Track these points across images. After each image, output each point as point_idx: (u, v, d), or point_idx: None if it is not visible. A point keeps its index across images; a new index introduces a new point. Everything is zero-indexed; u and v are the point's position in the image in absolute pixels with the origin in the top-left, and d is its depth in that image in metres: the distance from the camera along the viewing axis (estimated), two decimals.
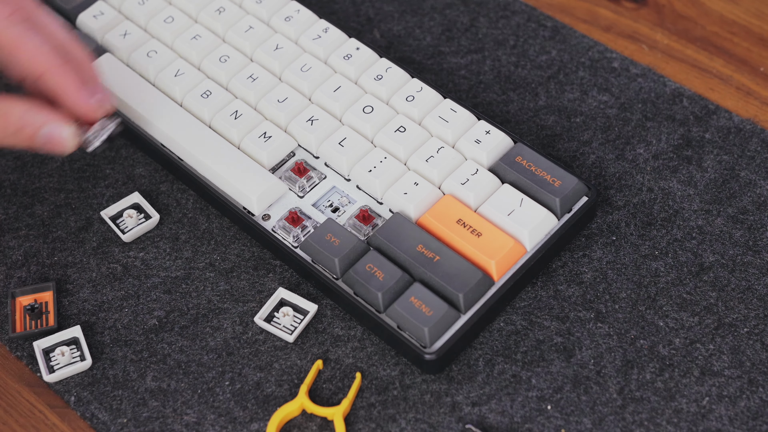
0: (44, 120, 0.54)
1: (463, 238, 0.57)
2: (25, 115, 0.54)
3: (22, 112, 0.54)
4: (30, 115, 0.54)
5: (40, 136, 0.54)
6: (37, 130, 0.54)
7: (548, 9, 0.72)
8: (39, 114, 0.54)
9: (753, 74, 0.68)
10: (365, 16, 0.72)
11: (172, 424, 0.55)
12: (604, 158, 0.64)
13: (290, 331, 0.58)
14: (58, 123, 0.55)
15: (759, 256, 0.59)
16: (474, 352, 0.57)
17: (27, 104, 0.54)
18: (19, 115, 0.54)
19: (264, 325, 0.58)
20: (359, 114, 0.62)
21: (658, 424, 0.54)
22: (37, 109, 0.54)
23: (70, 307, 0.60)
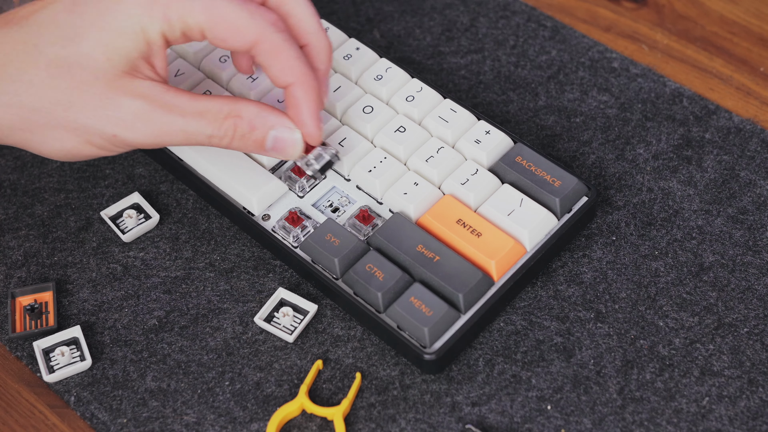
0: (276, 122, 0.55)
1: (463, 238, 0.57)
2: (258, 116, 0.55)
3: (256, 112, 0.55)
4: (262, 117, 0.55)
5: (270, 138, 0.55)
6: (267, 132, 0.55)
7: (548, 9, 0.72)
8: (271, 116, 0.55)
9: (753, 74, 0.68)
10: (365, 16, 0.72)
11: (172, 424, 0.55)
12: (604, 158, 0.64)
13: (290, 331, 0.58)
14: (290, 126, 0.55)
15: (759, 256, 0.59)
16: (474, 352, 0.57)
17: (259, 106, 0.55)
18: (252, 116, 0.54)
19: (264, 325, 0.58)
20: (359, 114, 0.62)
21: (658, 424, 0.54)
22: (269, 111, 0.55)
23: (70, 307, 0.60)
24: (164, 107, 0.53)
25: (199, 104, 0.54)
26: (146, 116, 0.53)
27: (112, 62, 0.52)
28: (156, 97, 0.53)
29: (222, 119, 0.54)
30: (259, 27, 0.53)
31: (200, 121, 0.54)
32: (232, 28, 0.53)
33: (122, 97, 0.53)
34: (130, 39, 0.52)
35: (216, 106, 0.54)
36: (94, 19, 0.52)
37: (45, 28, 0.53)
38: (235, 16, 0.52)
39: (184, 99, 0.54)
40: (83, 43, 0.52)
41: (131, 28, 0.52)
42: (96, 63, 0.52)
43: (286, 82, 0.54)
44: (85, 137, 0.54)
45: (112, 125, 0.53)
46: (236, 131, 0.54)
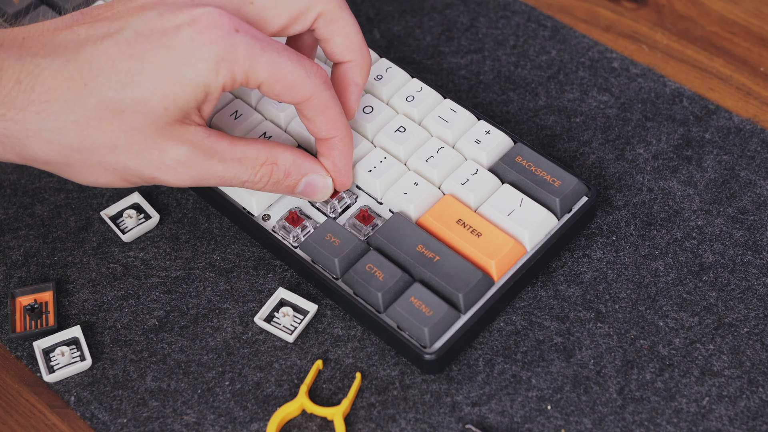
0: (310, 169, 0.57)
1: (463, 238, 0.57)
2: (294, 164, 0.56)
3: (291, 160, 0.56)
4: (297, 164, 0.56)
5: (302, 183, 0.57)
6: (300, 179, 0.57)
7: (548, 9, 0.72)
8: (306, 163, 0.57)
9: (753, 74, 0.68)
10: (365, 16, 0.72)
11: (172, 424, 0.55)
12: (604, 158, 0.64)
13: (290, 331, 0.58)
14: (323, 174, 0.58)
15: (759, 256, 0.59)
16: (474, 352, 0.57)
17: (295, 153, 0.56)
18: (288, 164, 0.56)
19: (264, 325, 0.58)
20: (359, 114, 0.62)
21: (658, 424, 0.54)
22: (304, 158, 0.57)
23: (70, 307, 0.60)
24: (206, 153, 0.54)
25: (238, 150, 0.55)
26: (189, 162, 0.53)
27: (168, 111, 0.52)
28: (200, 142, 0.53)
29: (259, 166, 0.55)
30: (313, 86, 0.54)
31: (238, 168, 0.55)
32: (289, 86, 0.53)
33: (169, 142, 0.53)
34: (191, 92, 0.52)
35: (253, 152, 0.55)
36: (157, 68, 0.51)
37: (100, 69, 0.51)
38: (294, 75, 0.53)
39: (225, 144, 0.54)
40: (140, 89, 0.51)
41: (194, 82, 0.51)
42: (151, 111, 0.52)
43: (329, 136, 0.56)
44: (123, 176, 0.54)
45: (154, 168, 0.53)
46: (271, 178, 0.56)
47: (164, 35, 0.51)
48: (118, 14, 0.53)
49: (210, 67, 0.51)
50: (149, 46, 0.51)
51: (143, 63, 0.51)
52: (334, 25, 0.56)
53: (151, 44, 0.51)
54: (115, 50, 0.51)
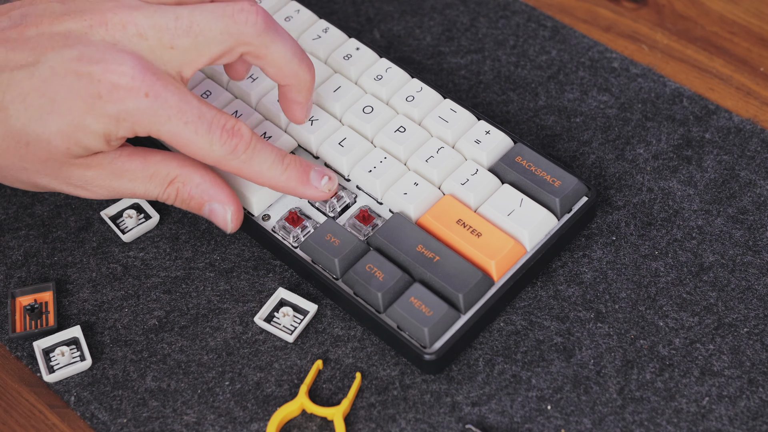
0: (212, 197, 0.57)
1: (463, 239, 0.57)
2: (199, 187, 0.56)
3: (197, 183, 0.56)
4: (203, 189, 0.56)
5: (205, 209, 0.57)
6: (203, 204, 0.57)
7: (548, 9, 0.72)
8: (211, 189, 0.57)
9: (753, 74, 0.68)
10: (365, 16, 0.72)
11: (172, 424, 0.55)
12: (604, 158, 0.64)
13: (290, 331, 0.58)
14: (222, 204, 0.57)
15: (759, 256, 0.59)
16: (474, 352, 0.57)
17: (206, 177, 0.56)
18: (193, 186, 0.56)
19: (264, 325, 0.58)
20: (359, 114, 0.62)
21: (658, 424, 0.54)
22: (211, 184, 0.57)
23: (70, 307, 0.60)
24: (114, 173, 0.55)
25: (150, 168, 0.55)
26: (98, 181, 0.55)
27: (70, 151, 0.53)
28: (107, 165, 0.55)
29: (167, 184, 0.56)
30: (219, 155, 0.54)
31: (148, 184, 0.56)
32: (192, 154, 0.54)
33: (75, 170, 0.54)
34: (92, 138, 0.53)
35: (165, 169, 0.56)
36: (63, 112, 0.52)
37: (11, 101, 0.53)
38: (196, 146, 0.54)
39: (137, 163, 0.55)
40: (46, 129, 0.53)
41: (95, 131, 0.53)
42: (55, 148, 0.53)
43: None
44: (35, 187, 0.56)
45: (65, 186, 0.55)
46: (178, 196, 0.57)
47: (77, 79, 0.52)
48: (39, 42, 0.53)
49: (111, 122, 0.52)
50: (61, 88, 0.52)
51: (53, 105, 0.52)
52: (262, 59, 0.56)
53: (63, 87, 0.52)
54: (28, 85, 0.53)
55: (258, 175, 0.56)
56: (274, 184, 0.57)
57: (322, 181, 0.58)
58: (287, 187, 0.57)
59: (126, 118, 0.52)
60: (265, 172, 0.56)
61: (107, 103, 0.52)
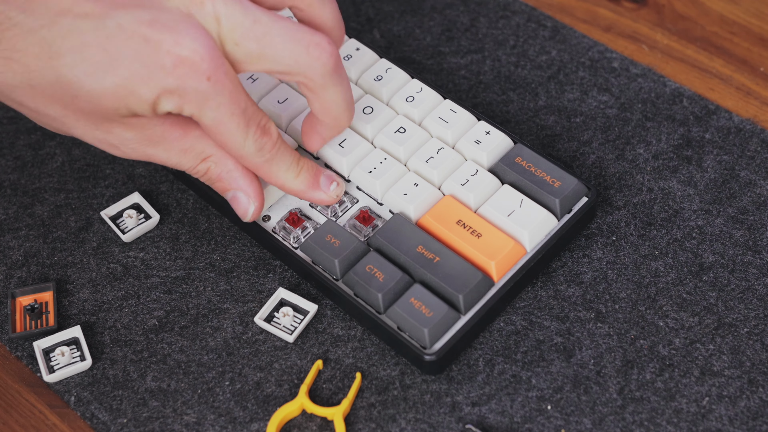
0: (240, 185, 0.57)
1: (463, 239, 0.57)
2: (228, 173, 0.57)
3: (229, 169, 0.56)
4: (232, 176, 0.57)
5: (229, 194, 0.57)
6: (228, 189, 0.57)
7: (548, 9, 0.72)
8: (239, 179, 0.57)
9: (753, 74, 0.68)
10: (365, 16, 0.72)
11: (172, 424, 0.55)
12: (604, 158, 0.64)
13: (290, 331, 0.58)
14: (247, 196, 0.57)
15: (759, 256, 0.59)
16: (474, 352, 0.57)
17: (237, 164, 0.57)
18: (224, 170, 0.56)
19: (264, 325, 0.58)
20: (359, 115, 0.62)
21: (658, 424, 0.54)
22: (241, 173, 0.57)
23: (70, 307, 0.60)
24: (152, 140, 0.54)
25: (187, 142, 0.55)
26: (132, 144, 0.54)
27: (118, 112, 0.52)
28: (149, 130, 0.54)
29: (200, 159, 0.56)
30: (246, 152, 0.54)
31: (182, 157, 0.55)
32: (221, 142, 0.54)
33: (116, 127, 0.53)
34: (141, 104, 0.51)
35: (201, 146, 0.55)
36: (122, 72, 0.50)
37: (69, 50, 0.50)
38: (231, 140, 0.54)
39: (177, 134, 0.55)
40: (99, 85, 0.51)
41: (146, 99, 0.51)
42: (103, 107, 0.52)
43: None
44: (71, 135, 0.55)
45: (98, 142, 0.55)
46: (207, 174, 0.57)
47: (144, 43, 0.50)
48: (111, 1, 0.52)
49: (165, 95, 0.51)
50: (125, 47, 0.50)
51: (113, 63, 0.50)
52: (314, 95, 0.55)
53: (127, 47, 0.50)
54: (91, 37, 0.50)
55: (274, 176, 0.56)
56: (286, 186, 0.57)
57: (331, 186, 0.58)
58: (298, 190, 0.58)
59: (181, 95, 0.51)
60: (281, 174, 0.56)
61: (169, 75, 0.51)
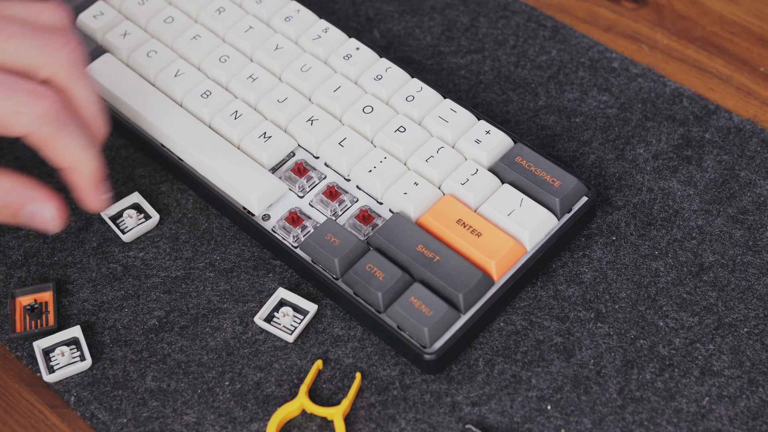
0: (29, 199, 0.52)
1: (463, 238, 0.57)
2: (10, 193, 0.52)
3: (8, 189, 0.52)
4: (15, 193, 0.52)
5: (24, 214, 0.53)
6: (21, 208, 0.53)
7: (548, 9, 0.72)
8: (24, 192, 0.52)
9: (753, 74, 0.68)
10: (365, 16, 0.72)
11: (172, 424, 0.55)
12: (604, 158, 0.64)
13: (290, 331, 0.58)
14: (42, 203, 0.53)
15: (759, 256, 0.59)
16: (474, 352, 0.57)
17: (13, 180, 0.52)
18: (4, 192, 0.52)
19: (264, 325, 0.58)
20: (359, 114, 0.62)
21: (658, 424, 0.54)
22: (23, 186, 0.52)
23: (70, 307, 0.60)
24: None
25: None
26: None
27: None
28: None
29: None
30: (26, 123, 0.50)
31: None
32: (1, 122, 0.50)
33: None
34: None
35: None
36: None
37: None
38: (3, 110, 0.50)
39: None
40: None
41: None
42: None
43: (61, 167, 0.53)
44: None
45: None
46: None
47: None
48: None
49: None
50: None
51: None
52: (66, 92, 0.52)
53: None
54: None
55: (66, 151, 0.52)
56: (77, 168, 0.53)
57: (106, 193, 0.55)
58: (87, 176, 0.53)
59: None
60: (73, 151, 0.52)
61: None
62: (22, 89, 0.51)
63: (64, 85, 0.53)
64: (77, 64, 0.53)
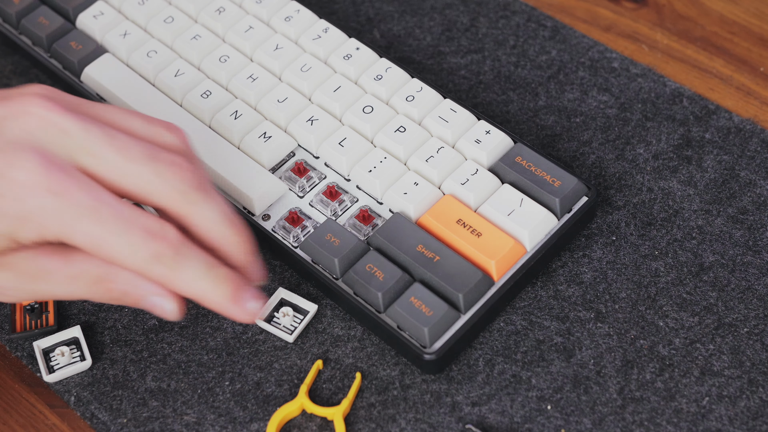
0: (149, 292, 0.50)
1: (463, 238, 0.57)
2: (131, 283, 0.50)
3: (130, 279, 0.50)
4: (135, 284, 0.50)
5: (145, 303, 0.51)
6: (141, 299, 0.51)
7: (548, 9, 0.72)
8: (143, 284, 0.50)
9: (753, 74, 0.68)
10: (365, 16, 0.72)
11: (172, 424, 0.55)
12: (604, 158, 0.64)
13: (290, 331, 0.58)
14: (164, 297, 0.50)
15: (759, 256, 0.59)
16: (474, 352, 0.57)
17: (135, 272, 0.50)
18: (126, 284, 0.50)
19: (264, 325, 0.58)
20: (359, 114, 0.62)
21: (658, 424, 0.54)
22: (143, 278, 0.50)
23: (70, 307, 0.60)
24: (32, 276, 0.50)
25: (72, 268, 0.49)
26: (14, 285, 0.50)
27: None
28: (25, 267, 0.49)
29: (93, 284, 0.50)
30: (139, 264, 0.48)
31: (72, 286, 0.50)
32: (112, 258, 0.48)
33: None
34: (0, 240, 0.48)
35: (89, 268, 0.49)
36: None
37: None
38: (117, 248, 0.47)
39: (57, 264, 0.49)
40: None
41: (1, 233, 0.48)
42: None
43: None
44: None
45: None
46: (110, 295, 0.50)
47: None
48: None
49: (14, 223, 0.47)
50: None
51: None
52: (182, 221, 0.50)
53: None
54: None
55: (186, 286, 0.49)
56: (206, 299, 0.49)
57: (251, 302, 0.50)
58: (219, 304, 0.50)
59: (30, 218, 0.47)
60: (193, 284, 0.49)
61: (7, 201, 0.47)
62: (136, 226, 0.48)
63: (182, 214, 0.50)
64: (197, 190, 0.50)
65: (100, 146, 0.49)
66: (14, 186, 0.47)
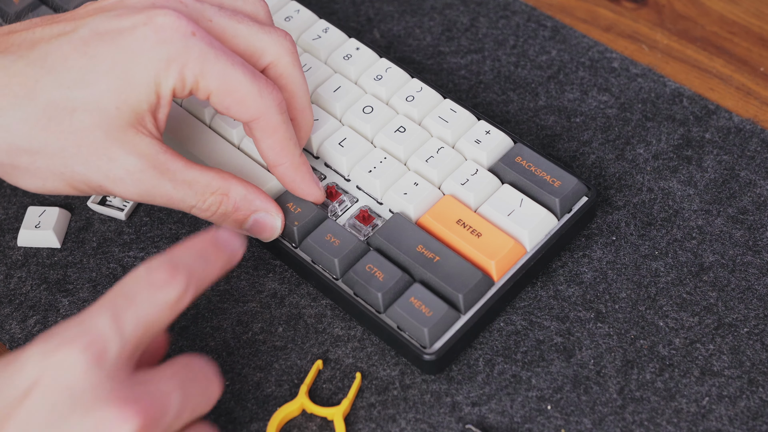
0: (261, 207, 0.55)
1: (463, 239, 0.57)
2: (244, 199, 0.55)
3: (243, 194, 0.55)
4: (249, 200, 0.55)
5: (250, 220, 0.55)
6: (249, 215, 0.55)
7: (548, 9, 0.72)
8: (257, 200, 0.55)
9: (753, 74, 0.68)
10: (365, 16, 0.72)
11: None
12: (604, 158, 0.64)
13: (121, 209, 0.60)
14: (273, 213, 0.56)
15: (759, 256, 0.59)
16: (474, 352, 0.57)
17: (248, 188, 0.55)
18: (239, 197, 0.54)
19: (97, 207, 0.61)
20: (359, 114, 0.63)
21: (658, 424, 0.54)
22: (256, 194, 0.55)
23: (71, 308, 0.60)
24: (157, 169, 0.52)
25: (190, 173, 0.53)
26: (138, 175, 0.52)
27: (120, 112, 0.51)
28: (153, 157, 0.52)
29: (209, 194, 0.54)
30: (264, 105, 0.53)
31: (187, 191, 0.53)
32: (239, 100, 0.53)
33: (119, 150, 0.51)
34: (142, 91, 0.51)
35: (206, 179, 0.54)
36: (109, 67, 0.51)
37: (52, 67, 0.50)
38: (246, 90, 0.52)
39: (179, 165, 0.53)
40: (92, 88, 0.50)
41: (145, 81, 0.51)
42: (102, 111, 0.51)
43: (275, 162, 0.56)
44: (71, 182, 0.53)
45: (101, 176, 0.52)
46: (219, 208, 0.54)
47: (119, 34, 0.51)
48: (77, 15, 0.53)
49: (160, 67, 0.50)
50: (103, 44, 0.51)
51: (96, 61, 0.50)
52: (283, 79, 0.55)
53: (105, 43, 0.51)
54: (69, 48, 0.51)
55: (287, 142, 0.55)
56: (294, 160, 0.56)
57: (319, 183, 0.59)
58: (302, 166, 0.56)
59: (175, 59, 0.51)
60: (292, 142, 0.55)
61: (154, 45, 0.50)
62: (261, 77, 0.53)
63: (284, 73, 0.55)
64: (296, 54, 0.56)
65: None
66: (160, 30, 0.51)
